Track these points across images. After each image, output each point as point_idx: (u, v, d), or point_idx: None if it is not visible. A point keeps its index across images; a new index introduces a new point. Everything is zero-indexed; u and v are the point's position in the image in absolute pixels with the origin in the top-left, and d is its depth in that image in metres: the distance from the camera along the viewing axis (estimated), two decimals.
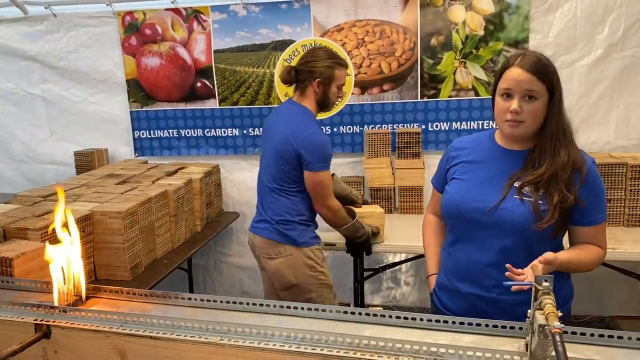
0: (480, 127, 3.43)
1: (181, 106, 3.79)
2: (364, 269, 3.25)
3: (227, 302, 1.38)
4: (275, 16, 3.53)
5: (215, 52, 3.65)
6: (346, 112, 3.57)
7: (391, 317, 1.26)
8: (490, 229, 1.61)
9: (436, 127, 3.49)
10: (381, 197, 3.41)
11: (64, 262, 1.42)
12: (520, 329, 1.17)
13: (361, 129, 3.58)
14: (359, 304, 3.29)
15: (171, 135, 3.86)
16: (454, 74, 3.40)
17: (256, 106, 3.67)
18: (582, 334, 1.13)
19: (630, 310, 3.51)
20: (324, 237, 2.97)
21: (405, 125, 3.51)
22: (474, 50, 3.34)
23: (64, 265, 1.42)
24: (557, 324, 0.87)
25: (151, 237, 2.68)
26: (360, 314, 1.28)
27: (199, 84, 3.72)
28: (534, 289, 0.99)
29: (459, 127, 3.46)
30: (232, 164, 3.81)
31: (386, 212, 3.41)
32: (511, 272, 1.47)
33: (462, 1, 3.30)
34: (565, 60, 3.23)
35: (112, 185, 2.96)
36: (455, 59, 3.37)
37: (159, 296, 1.47)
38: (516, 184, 1.61)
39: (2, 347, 1.29)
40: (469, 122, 3.44)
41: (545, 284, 0.96)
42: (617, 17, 3.18)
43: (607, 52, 3.22)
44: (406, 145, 3.37)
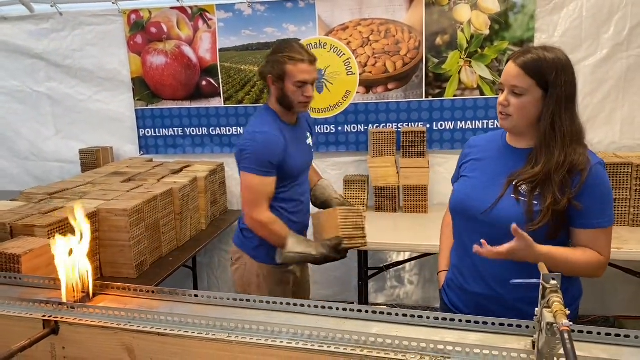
0: (485, 126, 3.43)
1: (186, 105, 3.79)
2: (368, 267, 3.26)
3: (234, 299, 1.39)
4: (280, 15, 3.53)
5: (220, 50, 3.65)
6: (351, 111, 3.57)
7: (398, 315, 1.26)
8: (488, 228, 1.60)
9: (441, 126, 3.49)
10: (385, 196, 3.41)
11: (71, 259, 1.43)
12: (527, 327, 1.17)
13: (366, 128, 3.58)
14: (363, 303, 3.30)
15: (176, 133, 3.86)
16: (459, 73, 3.39)
17: (261, 105, 3.66)
18: (589, 333, 1.13)
19: (634, 310, 3.51)
20: None
21: (410, 124, 3.51)
22: (479, 49, 3.34)
23: (71, 262, 1.43)
24: (565, 321, 0.87)
25: (156, 234, 2.69)
26: (367, 311, 1.29)
27: (204, 83, 3.73)
28: (541, 286, 0.99)
29: (464, 127, 3.46)
30: (236, 163, 3.82)
31: (390, 211, 3.42)
32: (483, 248, 1.49)
33: (467, 0, 3.29)
34: (570, 59, 3.22)
35: (118, 183, 2.97)
36: (460, 58, 3.37)
37: (166, 293, 1.48)
38: (514, 183, 1.59)
39: (10, 342, 1.30)
40: (474, 122, 3.44)
41: (553, 282, 0.96)
42: (622, 17, 3.18)
43: (613, 52, 3.21)
44: (411, 144, 3.37)
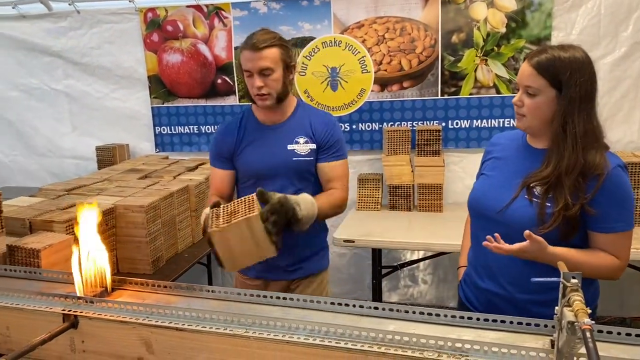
0: (501, 125, 3.40)
1: (202, 102, 3.81)
2: (382, 266, 3.25)
3: (251, 295, 1.39)
4: (295, 13, 3.53)
5: (235, 48, 3.66)
6: (365, 109, 3.57)
7: (414, 312, 1.26)
8: (502, 227, 1.58)
9: (456, 124, 3.47)
10: (400, 195, 3.40)
11: (90, 254, 1.45)
12: (545, 326, 1.16)
13: (380, 126, 3.58)
14: (377, 301, 3.29)
15: (191, 131, 3.89)
16: (475, 71, 3.37)
17: None
18: (609, 333, 1.12)
19: None
20: (343, 233, 2.98)
21: (425, 122, 3.50)
22: (495, 47, 3.32)
23: (90, 257, 1.45)
24: (587, 320, 0.87)
25: (172, 231, 2.71)
26: (383, 309, 1.28)
27: (220, 81, 3.74)
28: (561, 285, 0.98)
29: (479, 125, 3.43)
30: None
31: (405, 210, 3.41)
32: (493, 243, 1.49)
33: None
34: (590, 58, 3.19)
35: (134, 180, 3.00)
36: (476, 56, 3.35)
37: (183, 288, 1.49)
38: (529, 184, 1.57)
39: (31, 336, 1.32)
40: (489, 120, 3.42)
41: (573, 281, 0.95)
42: None
43: (631, 50, 3.17)
44: (426, 142, 3.35)
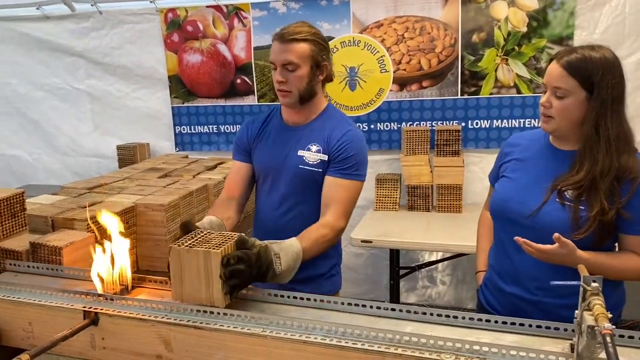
0: (521, 125, 3.36)
1: (221, 102, 3.84)
2: (399, 267, 3.24)
3: (269, 294, 1.40)
4: (314, 13, 3.54)
5: (255, 49, 3.68)
6: (384, 109, 3.56)
7: (432, 314, 1.25)
8: (531, 232, 1.55)
9: (476, 124, 3.44)
10: (418, 195, 3.38)
11: (111, 253, 1.47)
12: (565, 330, 1.15)
13: (399, 126, 3.56)
14: (394, 302, 3.26)
15: (211, 130, 3.92)
16: (496, 71, 3.34)
17: None
18: (630, 337, 1.10)
19: None
20: (360, 233, 2.98)
21: (444, 122, 3.48)
22: (516, 47, 3.28)
23: (111, 255, 1.47)
24: (607, 324, 0.85)
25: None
26: (400, 310, 1.28)
27: (239, 81, 3.77)
28: (581, 289, 0.97)
29: (499, 125, 3.40)
30: None
31: (423, 211, 3.39)
32: (526, 244, 1.46)
33: None
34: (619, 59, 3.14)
35: (154, 178, 3.03)
36: (497, 55, 3.32)
37: None
38: (559, 188, 1.54)
39: (51, 332, 1.34)
40: (510, 120, 3.38)
41: (594, 285, 0.94)
42: None
43: None
44: (445, 142, 3.33)
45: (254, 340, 1.21)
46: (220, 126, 3.89)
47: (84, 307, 1.37)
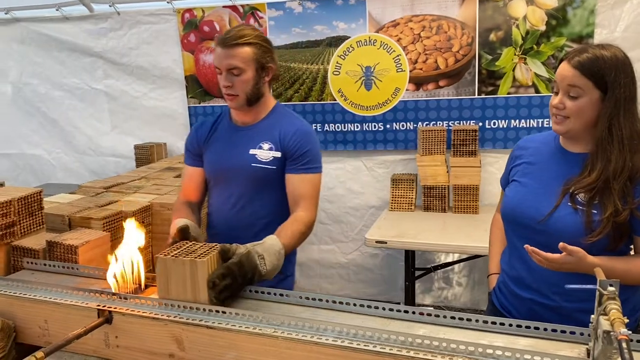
0: (539, 125, 3.32)
1: None
2: (415, 268, 3.22)
3: (280, 294, 1.40)
4: (330, 12, 3.53)
5: None
6: (400, 109, 3.54)
7: (445, 317, 1.24)
8: (543, 237, 1.54)
9: (494, 124, 3.40)
10: (434, 196, 3.36)
11: (126, 253, 1.49)
12: (581, 334, 1.13)
13: (415, 125, 3.53)
14: (410, 303, 3.26)
15: None
16: (514, 70, 3.30)
17: (309, 102, 3.68)
18: None
19: None
20: (375, 234, 2.96)
21: (461, 122, 3.44)
22: (534, 45, 3.24)
23: (126, 255, 1.49)
24: (623, 330, 0.83)
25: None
26: (413, 312, 1.27)
27: None
28: (598, 293, 0.95)
29: (517, 125, 3.36)
30: None
31: (439, 211, 3.36)
32: (535, 252, 1.44)
33: None
34: (633, 56, 3.00)
35: (171, 178, 3.05)
36: (515, 54, 3.27)
37: None
38: (571, 191, 1.51)
39: (66, 330, 1.36)
40: (528, 120, 3.33)
41: (610, 289, 0.92)
42: None
43: None
44: (462, 142, 3.30)
45: (266, 340, 1.21)
46: None
47: (98, 305, 1.38)
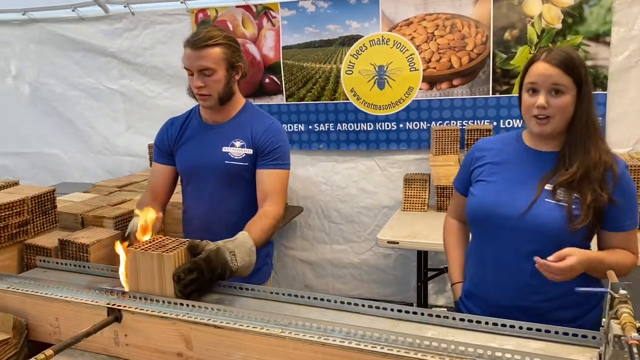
0: None
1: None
2: (428, 268, 3.20)
3: (289, 294, 1.40)
4: (343, 12, 3.51)
5: (283, 48, 3.68)
6: (413, 108, 3.51)
7: (455, 318, 1.23)
8: (519, 233, 1.55)
9: (508, 124, 3.36)
10: (447, 196, 3.33)
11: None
12: (593, 337, 1.11)
13: (428, 125, 3.51)
14: (422, 304, 3.24)
15: None
16: None
17: (322, 102, 3.68)
18: None
19: None
20: (387, 234, 2.95)
21: (475, 121, 3.41)
22: (550, 44, 3.19)
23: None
24: (635, 334, 0.82)
25: None
26: (422, 314, 1.26)
27: (267, 80, 3.77)
28: (609, 296, 0.93)
29: None
30: (296, 159, 3.84)
31: None
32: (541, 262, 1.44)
33: None
34: None
35: None
36: (530, 53, 3.23)
37: (224, 286, 1.51)
38: (548, 187, 1.55)
39: (76, 328, 1.37)
40: None
41: (622, 292, 0.90)
42: None
43: None
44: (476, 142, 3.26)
45: (273, 340, 1.21)
46: None
47: (108, 303, 1.39)
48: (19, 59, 4.38)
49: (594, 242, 1.64)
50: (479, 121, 3.40)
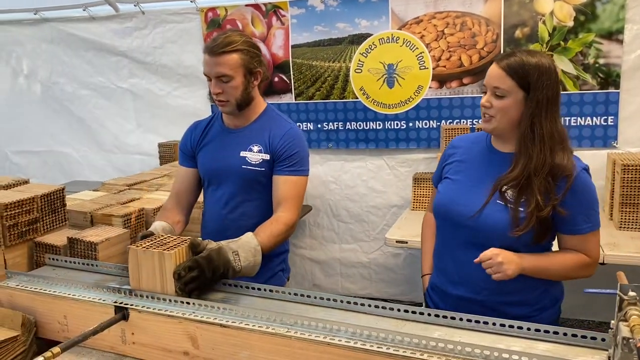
0: (566, 123, 3.23)
1: None
2: None
3: (295, 294, 1.40)
4: (352, 10, 3.50)
5: (292, 47, 3.68)
6: (422, 107, 3.49)
7: (462, 319, 1.22)
8: (473, 232, 1.61)
9: None
10: None
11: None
12: (602, 340, 1.09)
13: (438, 123, 3.49)
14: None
15: None
16: None
17: (331, 100, 3.67)
18: None
19: None
20: (396, 234, 2.94)
21: None
22: (562, 42, 3.16)
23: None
24: None
25: None
26: (428, 314, 1.25)
27: (277, 79, 3.77)
28: (618, 298, 0.91)
29: None
30: None
31: None
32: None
33: None
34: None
35: None
36: (541, 51, 3.20)
37: (230, 285, 1.51)
38: (501, 188, 1.58)
39: (84, 325, 1.38)
40: None
41: (631, 294, 0.89)
42: None
43: None
44: None
45: (279, 340, 1.20)
46: None
47: (115, 302, 1.40)
48: (31, 58, 4.42)
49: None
50: None
